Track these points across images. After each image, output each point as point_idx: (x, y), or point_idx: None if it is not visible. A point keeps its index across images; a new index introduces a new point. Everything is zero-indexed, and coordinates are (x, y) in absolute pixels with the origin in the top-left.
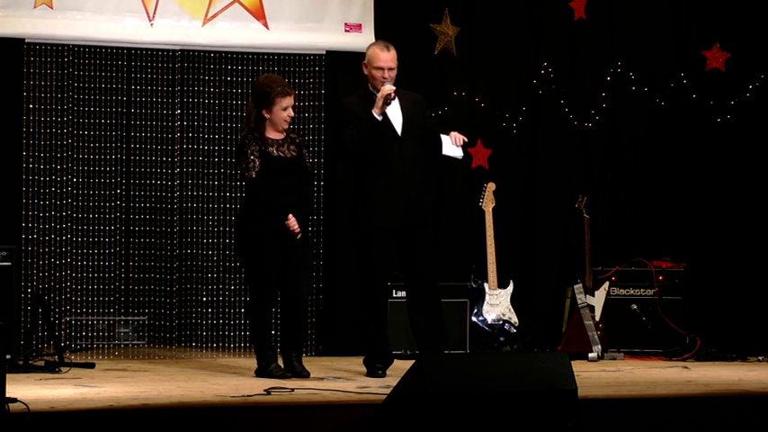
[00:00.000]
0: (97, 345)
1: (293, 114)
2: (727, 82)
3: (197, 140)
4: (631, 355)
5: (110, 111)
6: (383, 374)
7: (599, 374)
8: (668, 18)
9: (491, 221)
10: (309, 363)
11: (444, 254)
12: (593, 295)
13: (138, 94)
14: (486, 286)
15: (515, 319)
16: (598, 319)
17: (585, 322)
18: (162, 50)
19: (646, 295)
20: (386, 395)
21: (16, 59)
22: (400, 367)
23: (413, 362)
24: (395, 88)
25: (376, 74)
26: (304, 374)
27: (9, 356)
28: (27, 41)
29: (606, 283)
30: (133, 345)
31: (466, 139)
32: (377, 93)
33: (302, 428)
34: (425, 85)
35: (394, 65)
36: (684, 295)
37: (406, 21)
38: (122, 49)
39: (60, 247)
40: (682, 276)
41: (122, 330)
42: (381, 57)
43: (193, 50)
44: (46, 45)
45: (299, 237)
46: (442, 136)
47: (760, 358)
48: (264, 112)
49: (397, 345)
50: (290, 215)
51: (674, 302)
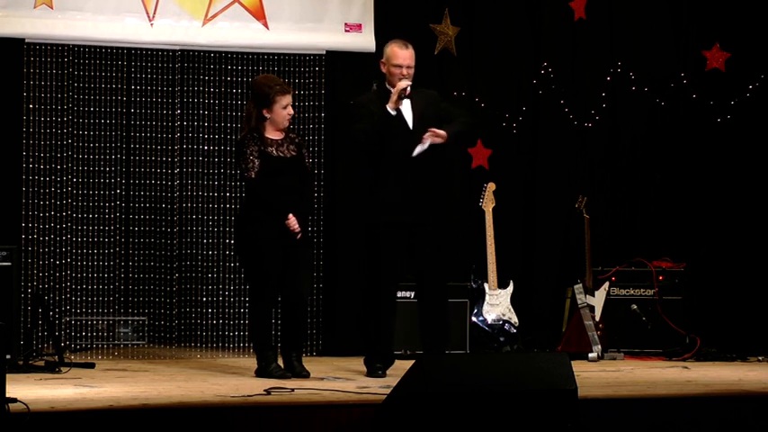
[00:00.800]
0: (97, 345)
1: (293, 112)
2: (727, 82)
3: (197, 140)
4: (631, 355)
5: (110, 111)
6: (383, 374)
7: (599, 374)
8: (668, 18)
9: (491, 221)
10: (309, 363)
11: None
12: (593, 295)
13: (138, 94)
14: (486, 286)
15: (515, 320)
16: (598, 319)
17: (585, 322)
18: (162, 50)
19: (646, 295)
20: (386, 395)
21: (16, 59)
22: (400, 367)
23: (413, 362)
24: (410, 83)
25: (394, 71)
26: (304, 374)
27: (9, 356)
28: (27, 41)
29: (606, 283)
30: (133, 345)
31: (439, 134)
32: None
33: (302, 428)
34: (425, 85)
35: (412, 62)
36: (684, 295)
37: (406, 21)
38: (122, 49)
39: (60, 247)
40: (682, 276)
41: (122, 330)
42: (400, 54)
43: (193, 50)
44: (46, 45)
45: (299, 237)
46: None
47: (760, 358)
48: (265, 111)
49: (397, 345)
50: (291, 215)
51: (674, 302)
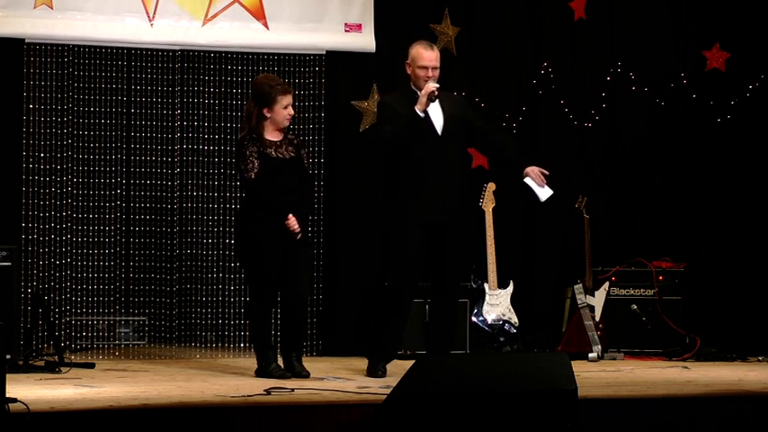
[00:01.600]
0: (97, 345)
1: (294, 112)
2: (727, 82)
3: (197, 140)
4: (631, 355)
5: (110, 111)
6: (383, 374)
7: (599, 374)
8: (668, 18)
9: (491, 221)
10: (309, 363)
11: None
12: (593, 295)
13: (138, 94)
14: (486, 286)
15: (515, 320)
16: (598, 319)
17: (585, 322)
18: (162, 50)
19: (646, 295)
20: (386, 395)
21: (16, 59)
22: (401, 367)
23: (413, 362)
24: (438, 86)
25: (420, 73)
26: (304, 374)
27: (9, 356)
28: (27, 41)
29: (606, 284)
30: (133, 345)
31: (546, 172)
32: (419, 91)
33: (302, 428)
34: None
35: (437, 64)
36: (684, 295)
37: (406, 21)
38: (122, 49)
39: (60, 247)
40: (682, 276)
41: (122, 330)
42: (425, 56)
43: (193, 50)
44: (46, 45)
45: (299, 237)
46: (528, 181)
47: (760, 358)
48: (266, 111)
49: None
50: (291, 215)
51: (674, 302)
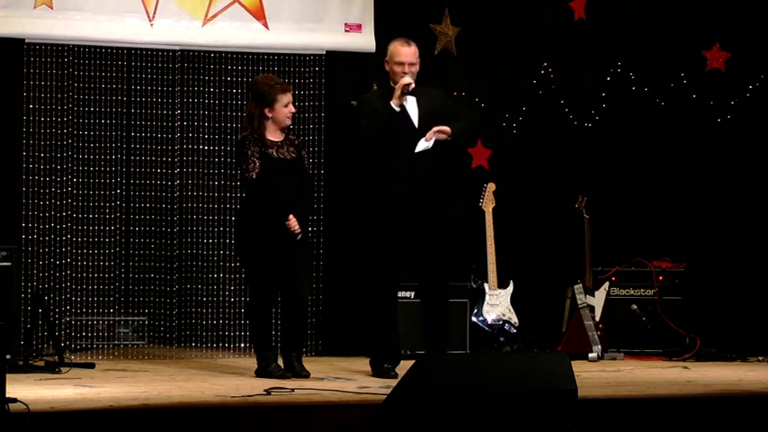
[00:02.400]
0: (97, 345)
1: (294, 110)
2: (727, 82)
3: (197, 140)
4: (631, 355)
5: (110, 111)
6: (395, 375)
7: (599, 374)
8: (668, 18)
9: (491, 221)
10: (309, 363)
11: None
12: (593, 295)
13: (138, 94)
14: (486, 286)
15: (515, 320)
16: (598, 319)
17: (585, 322)
18: (162, 50)
19: (646, 295)
20: (386, 395)
21: (16, 59)
22: (400, 367)
23: (413, 362)
24: (412, 80)
25: (397, 69)
26: (304, 374)
27: (9, 356)
28: (27, 41)
29: (606, 284)
30: (133, 345)
31: (444, 130)
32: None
33: (302, 428)
34: (426, 84)
35: (415, 60)
36: (684, 295)
37: (406, 21)
38: (122, 49)
39: (60, 247)
40: (682, 276)
41: (122, 330)
42: (402, 52)
43: (193, 50)
44: (46, 45)
45: (299, 237)
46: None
47: (760, 358)
48: (267, 110)
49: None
50: (291, 216)
51: (674, 302)
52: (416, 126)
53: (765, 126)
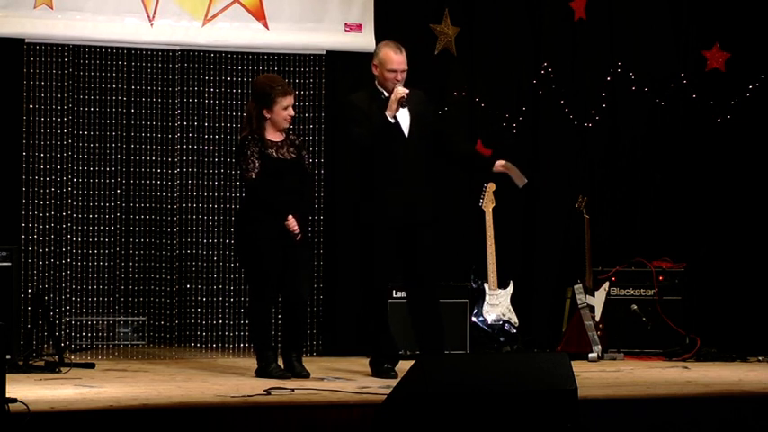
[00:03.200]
0: (97, 345)
1: (293, 114)
2: (727, 82)
3: (197, 140)
4: (631, 355)
5: (110, 111)
6: (395, 374)
7: (599, 374)
8: (668, 18)
9: (491, 221)
10: (309, 363)
11: (444, 254)
12: (593, 295)
13: (138, 94)
14: (486, 286)
15: (515, 320)
16: (598, 319)
17: (585, 322)
18: (162, 50)
19: (646, 295)
20: (386, 395)
21: (16, 59)
22: (400, 367)
23: (413, 362)
24: (408, 91)
25: (388, 75)
26: (304, 374)
27: (9, 356)
28: (27, 41)
29: (606, 284)
30: (133, 345)
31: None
32: (386, 93)
33: (302, 428)
34: (425, 85)
35: (406, 67)
36: (684, 295)
37: (406, 21)
38: (122, 49)
39: (60, 247)
40: (682, 276)
41: (122, 330)
42: (395, 59)
43: (193, 50)
44: (46, 45)
45: (298, 237)
46: (508, 172)
47: (760, 358)
48: (265, 111)
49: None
50: (290, 216)
51: (674, 302)
52: (406, 135)
53: (765, 126)
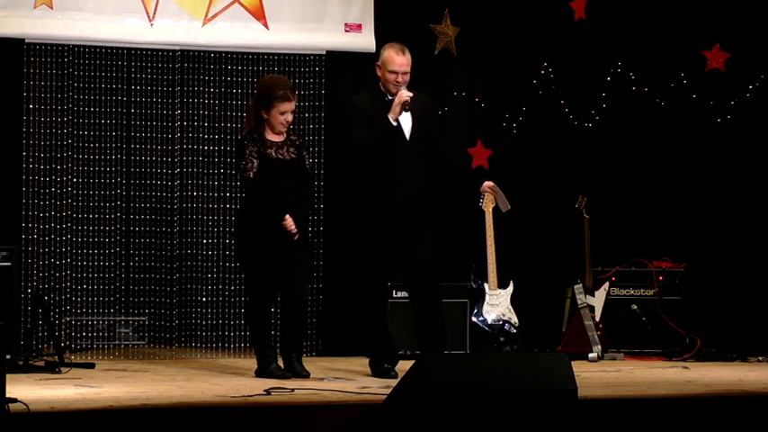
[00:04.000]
0: (97, 345)
1: (290, 120)
2: (727, 82)
3: (197, 140)
4: (631, 356)
5: (110, 111)
6: (395, 375)
7: (599, 374)
8: (668, 18)
9: (491, 221)
10: (309, 363)
11: (444, 254)
12: (593, 295)
13: (138, 94)
14: (486, 286)
15: (515, 320)
16: (598, 319)
17: (585, 322)
18: (162, 50)
19: (646, 295)
20: (386, 395)
21: (16, 59)
22: (400, 367)
23: (413, 362)
24: (411, 94)
25: (390, 77)
26: (304, 374)
27: (9, 356)
28: (27, 41)
29: (606, 284)
30: (133, 345)
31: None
32: (389, 94)
33: (302, 428)
34: (425, 85)
35: (409, 68)
36: (684, 295)
37: (406, 21)
38: (122, 49)
39: (60, 247)
40: (682, 276)
41: (122, 330)
42: (397, 61)
43: (193, 50)
44: (46, 45)
45: (296, 237)
46: (493, 195)
47: (760, 358)
48: (263, 112)
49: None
50: (287, 216)
51: (674, 302)
52: (408, 138)
53: (765, 126)
